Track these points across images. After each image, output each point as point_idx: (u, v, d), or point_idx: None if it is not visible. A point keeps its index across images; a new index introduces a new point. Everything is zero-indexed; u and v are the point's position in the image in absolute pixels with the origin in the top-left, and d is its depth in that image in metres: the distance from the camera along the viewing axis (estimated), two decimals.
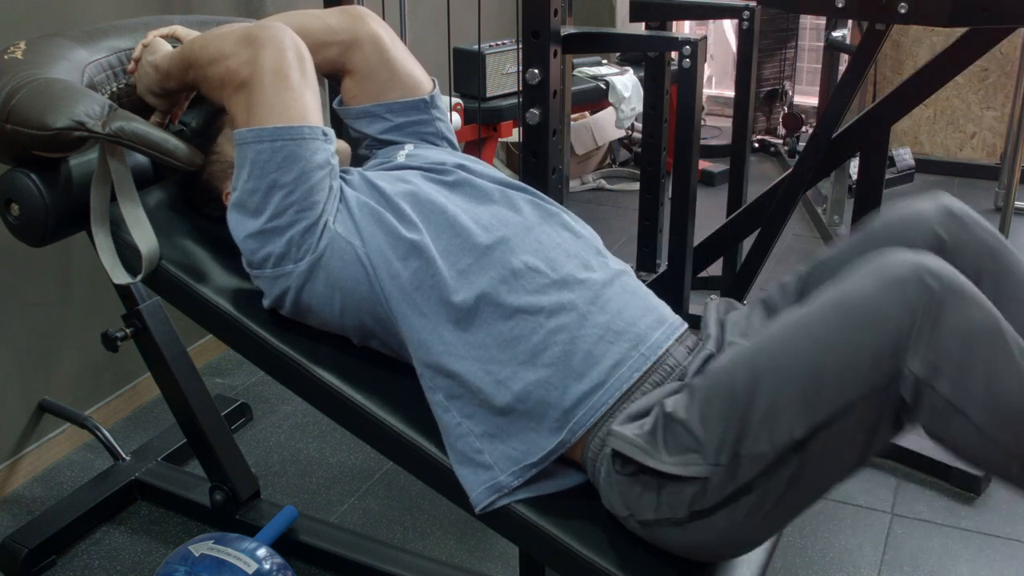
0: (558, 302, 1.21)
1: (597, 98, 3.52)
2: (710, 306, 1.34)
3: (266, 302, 1.32)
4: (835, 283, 1.07)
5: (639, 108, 3.39)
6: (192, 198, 1.47)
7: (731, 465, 1.07)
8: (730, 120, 2.83)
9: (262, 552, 1.65)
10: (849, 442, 1.05)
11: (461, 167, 1.39)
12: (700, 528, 1.12)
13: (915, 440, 2.22)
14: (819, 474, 1.09)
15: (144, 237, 1.37)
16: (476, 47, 2.80)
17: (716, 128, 4.66)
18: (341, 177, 1.33)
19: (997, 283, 1.18)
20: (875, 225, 1.26)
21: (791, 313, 1.09)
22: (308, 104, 1.28)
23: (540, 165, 1.89)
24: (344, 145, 1.43)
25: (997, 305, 1.04)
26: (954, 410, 1.00)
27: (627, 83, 3.52)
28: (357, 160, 1.56)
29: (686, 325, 1.31)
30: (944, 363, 0.99)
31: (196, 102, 1.50)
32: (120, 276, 1.39)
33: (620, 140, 4.28)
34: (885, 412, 1.03)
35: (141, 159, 1.45)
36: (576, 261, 1.27)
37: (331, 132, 1.30)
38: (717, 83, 5.16)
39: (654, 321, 1.26)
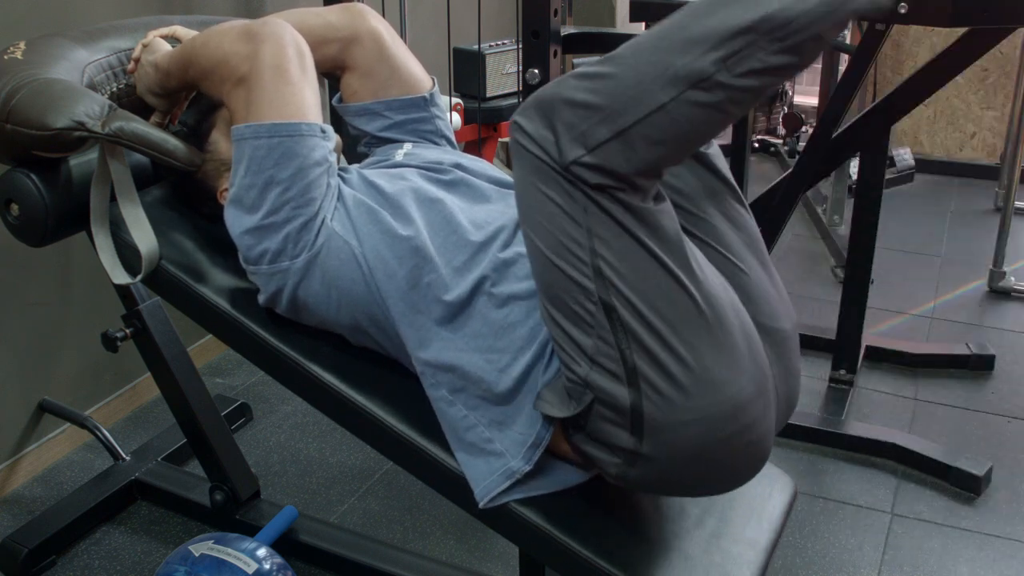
0: None
1: None
2: None
3: (261, 299, 1.32)
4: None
5: None
6: (187, 197, 1.47)
7: (596, 370, 1.08)
8: None
9: (262, 552, 1.65)
10: (623, 251, 1.05)
11: (458, 166, 1.39)
12: (657, 438, 1.08)
13: (915, 440, 2.22)
14: (651, 294, 1.05)
15: (144, 237, 1.37)
16: (476, 47, 2.80)
17: None
18: (339, 175, 1.33)
19: None
20: None
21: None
22: (307, 100, 1.28)
23: None
24: (335, 137, 1.43)
25: None
26: (614, 141, 1.01)
27: None
28: (356, 158, 1.56)
29: None
30: (571, 132, 1.02)
31: (194, 102, 1.50)
32: (120, 276, 1.39)
33: None
34: (604, 203, 1.03)
35: (141, 159, 1.45)
36: None
37: (329, 129, 1.30)
38: None
39: None
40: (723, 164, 1.27)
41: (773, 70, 1.00)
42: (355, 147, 1.57)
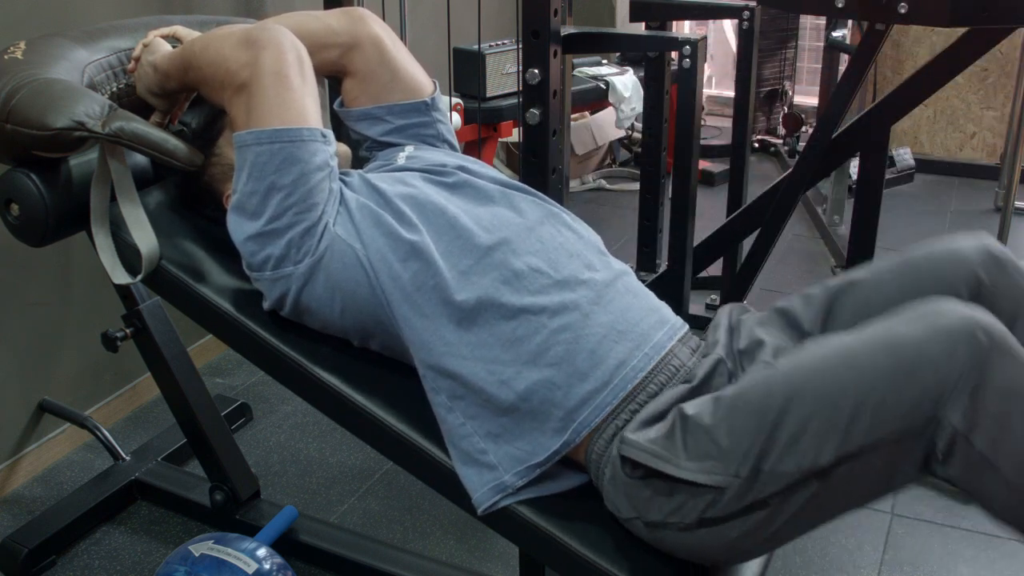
0: (561, 302, 1.21)
1: (597, 98, 3.52)
2: (721, 311, 1.35)
3: (266, 304, 1.32)
4: (883, 320, 1.07)
5: (639, 108, 3.39)
6: (192, 199, 1.47)
7: (750, 479, 1.06)
8: (730, 120, 2.83)
9: (262, 552, 1.65)
10: (872, 476, 1.06)
11: (462, 168, 1.38)
12: (707, 535, 1.12)
13: None
14: (835, 501, 1.09)
15: (144, 237, 1.37)
16: (476, 47, 2.80)
17: (716, 128, 4.66)
18: (341, 179, 1.33)
19: None
20: (916, 256, 1.26)
21: (833, 339, 1.09)
22: (307, 106, 1.28)
23: (540, 165, 1.89)
24: (344, 148, 1.43)
25: None
26: (987, 464, 1.00)
27: (627, 83, 3.51)
28: (357, 162, 1.56)
29: (687, 326, 1.31)
30: (983, 418, 0.99)
31: (196, 102, 1.50)
32: (120, 276, 1.39)
33: (620, 140, 4.28)
34: (914, 454, 1.03)
35: (141, 159, 1.45)
36: (578, 261, 1.27)
37: (330, 134, 1.30)
38: (717, 83, 5.16)
39: (656, 322, 1.26)
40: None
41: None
42: (357, 151, 1.57)
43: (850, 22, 3.35)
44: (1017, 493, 1.02)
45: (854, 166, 3.46)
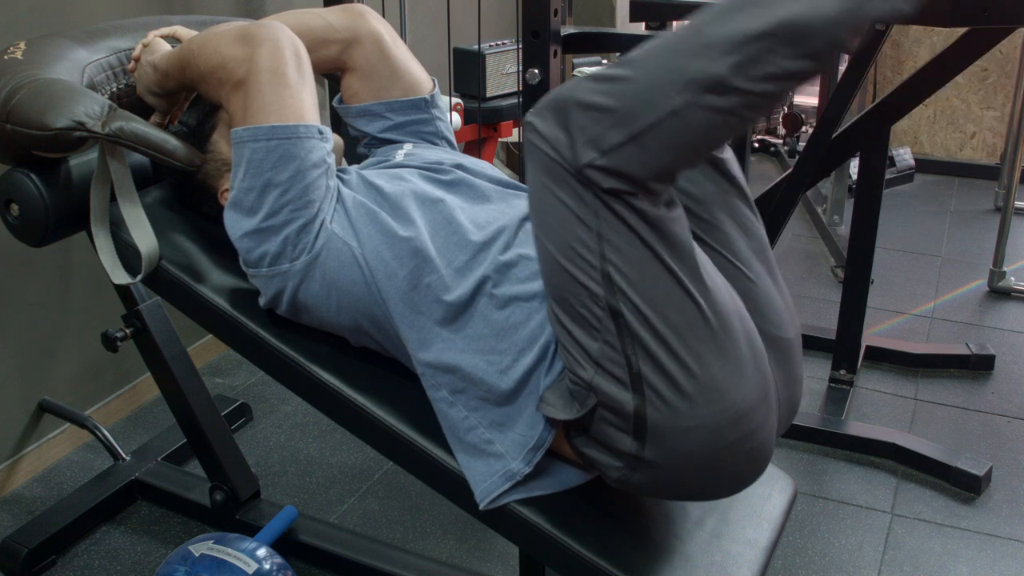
0: None
1: None
2: None
3: (262, 301, 1.32)
4: None
5: None
6: (187, 197, 1.47)
7: (600, 374, 1.07)
8: None
9: (262, 552, 1.65)
10: (634, 258, 1.04)
11: (459, 166, 1.39)
12: (659, 444, 1.08)
13: (915, 440, 2.22)
14: (659, 301, 1.04)
15: (144, 237, 1.37)
16: (476, 47, 2.80)
17: None
18: (338, 176, 1.33)
19: None
20: None
21: None
22: (304, 102, 1.28)
23: None
24: (337, 139, 1.43)
25: None
26: (626, 144, 0.99)
27: None
28: (356, 159, 1.56)
29: None
30: (584, 136, 1.01)
31: (196, 102, 1.51)
32: (120, 276, 1.39)
33: None
34: (617, 209, 1.03)
35: (141, 159, 1.45)
36: None
37: (327, 131, 1.30)
38: None
39: None
40: (737, 170, 1.27)
41: (790, 75, 0.99)
42: (355, 148, 1.57)
43: None
44: (657, 121, 0.99)
45: (854, 166, 3.46)
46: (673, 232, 1.05)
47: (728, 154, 1.25)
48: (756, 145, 4.39)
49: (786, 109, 4.56)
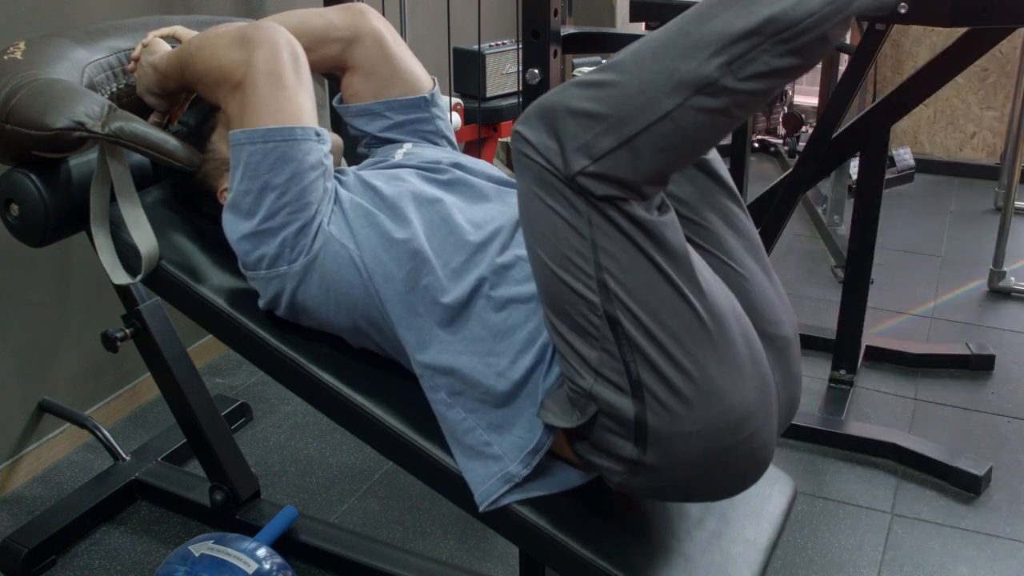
0: None
1: None
2: None
3: (261, 303, 1.32)
4: None
5: None
6: (186, 196, 1.47)
7: (600, 383, 1.07)
8: None
9: (262, 552, 1.65)
10: (630, 265, 1.04)
11: (457, 165, 1.39)
12: (660, 449, 1.08)
13: (915, 440, 2.22)
14: (656, 307, 1.05)
15: (144, 237, 1.37)
16: (476, 47, 2.80)
17: None
18: (336, 178, 1.33)
19: None
20: None
21: None
22: (302, 105, 1.28)
23: None
24: (336, 138, 1.43)
25: None
26: (619, 149, 0.99)
27: None
28: (356, 159, 1.56)
29: None
30: (575, 142, 1.01)
31: (195, 102, 1.51)
32: (120, 276, 1.39)
33: None
34: (611, 216, 1.02)
35: (141, 159, 1.45)
36: None
37: (324, 133, 1.30)
38: None
39: None
40: (723, 168, 1.26)
41: (779, 72, 0.99)
42: (355, 148, 1.57)
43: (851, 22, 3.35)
44: (649, 125, 0.99)
45: (854, 166, 3.46)
46: (667, 236, 1.05)
47: (712, 153, 1.25)
48: (756, 145, 4.38)
49: (786, 109, 4.56)
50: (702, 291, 1.07)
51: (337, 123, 1.58)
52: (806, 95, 4.80)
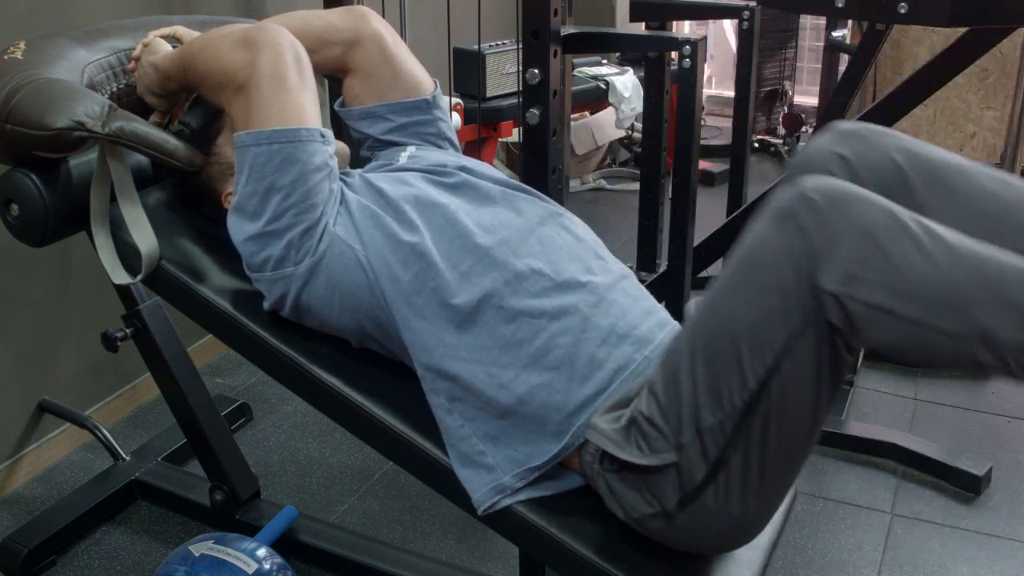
0: (561, 305, 1.21)
1: (597, 98, 3.51)
2: (688, 307, 1.36)
3: (266, 304, 1.32)
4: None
5: (639, 108, 3.39)
6: (190, 198, 1.47)
7: (696, 443, 1.07)
8: (730, 120, 2.83)
9: (262, 552, 1.65)
10: (802, 384, 1.04)
11: (463, 169, 1.38)
12: (694, 515, 1.12)
13: (915, 440, 2.22)
14: (788, 427, 1.07)
15: (144, 237, 1.37)
16: (476, 47, 2.80)
17: (716, 128, 4.65)
18: (342, 179, 1.33)
19: (926, 174, 1.16)
20: (788, 167, 1.25)
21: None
22: (306, 106, 1.28)
23: (540, 165, 1.89)
24: (343, 147, 1.43)
25: (938, 193, 1.05)
26: (882, 312, 0.95)
27: (627, 83, 3.51)
28: (359, 162, 1.56)
29: None
30: (852, 269, 0.95)
31: (196, 102, 1.50)
32: (120, 276, 1.39)
33: (620, 140, 4.28)
34: (823, 342, 1.00)
35: (141, 159, 1.45)
36: (578, 264, 1.27)
37: (329, 134, 1.30)
38: (717, 83, 5.16)
39: (656, 324, 1.26)
40: None
41: None
42: (357, 151, 1.57)
43: (850, 22, 3.35)
44: (926, 327, 0.95)
45: None
46: (841, 378, 1.06)
47: None
48: (756, 145, 4.39)
49: (786, 109, 4.56)
50: (817, 436, 1.12)
51: (338, 126, 1.57)
52: (806, 95, 4.80)
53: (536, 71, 1.84)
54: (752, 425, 1.05)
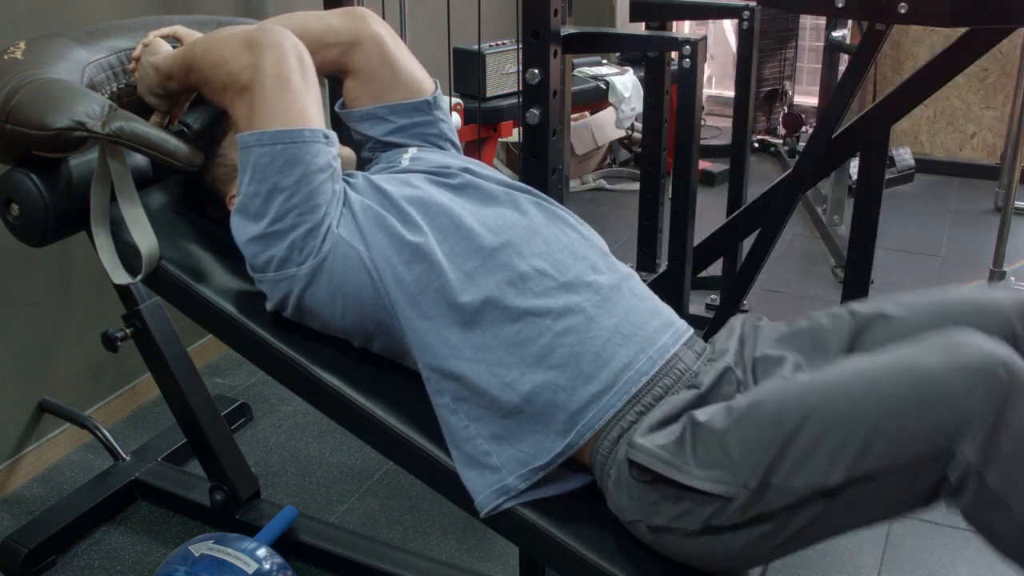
0: (565, 305, 1.21)
1: (597, 98, 3.52)
2: (735, 320, 1.34)
3: (269, 305, 1.32)
4: (906, 345, 1.07)
5: (639, 108, 3.39)
6: (195, 200, 1.47)
7: (758, 491, 1.06)
8: (730, 120, 2.83)
9: (262, 552, 1.65)
10: (881, 500, 1.06)
11: (466, 170, 1.38)
12: (710, 543, 1.12)
13: None
14: (840, 520, 1.09)
15: (144, 237, 1.37)
16: (476, 47, 2.80)
17: (716, 128, 4.65)
18: (345, 180, 1.33)
19: None
20: (952, 298, 1.24)
21: (854, 361, 1.10)
22: (309, 107, 1.28)
23: (540, 165, 1.89)
24: (348, 152, 1.43)
25: None
26: (999, 502, 1.00)
27: (627, 83, 3.51)
28: (360, 163, 1.56)
29: (692, 330, 1.31)
30: (999, 456, 0.98)
31: (197, 102, 1.50)
32: (120, 276, 1.39)
33: (620, 140, 4.28)
34: (926, 483, 1.03)
35: (141, 159, 1.45)
36: (583, 263, 1.27)
37: (333, 135, 1.30)
38: (717, 83, 5.16)
39: (661, 325, 1.26)
40: None
41: None
42: (358, 153, 1.56)
43: (850, 22, 3.35)
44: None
45: (854, 166, 3.46)
46: (907, 512, 1.12)
47: None
48: (756, 145, 4.39)
49: (786, 109, 4.56)
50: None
51: (338, 127, 1.57)
52: (806, 95, 4.80)
53: (536, 71, 1.84)
54: (816, 504, 1.05)
